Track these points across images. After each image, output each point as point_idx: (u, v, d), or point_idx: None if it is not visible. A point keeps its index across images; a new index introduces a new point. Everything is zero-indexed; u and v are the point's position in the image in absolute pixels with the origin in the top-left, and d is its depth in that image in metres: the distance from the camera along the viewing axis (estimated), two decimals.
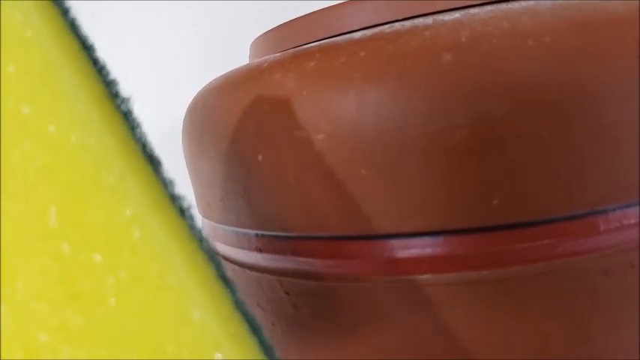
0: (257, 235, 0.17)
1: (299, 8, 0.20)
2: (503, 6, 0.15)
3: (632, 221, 0.14)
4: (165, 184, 0.08)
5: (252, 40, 0.23)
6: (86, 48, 0.09)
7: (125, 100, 0.09)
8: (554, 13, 0.14)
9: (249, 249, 0.18)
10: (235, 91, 0.17)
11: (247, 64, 0.19)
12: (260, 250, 0.17)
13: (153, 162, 0.08)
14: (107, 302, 0.08)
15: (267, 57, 0.18)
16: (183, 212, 0.08)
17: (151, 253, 0.08)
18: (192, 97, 0.21)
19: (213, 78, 0.20)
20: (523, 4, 0.15)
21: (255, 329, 0.08)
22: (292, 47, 0.18)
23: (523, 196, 0.13)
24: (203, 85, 0.21)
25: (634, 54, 0.13)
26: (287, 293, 0.16)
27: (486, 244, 0.14)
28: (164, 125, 0.36)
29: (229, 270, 0.19)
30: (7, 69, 0.08)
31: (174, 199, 0.08)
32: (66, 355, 0.07)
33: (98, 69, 0.09)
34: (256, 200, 0.16)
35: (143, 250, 0.08)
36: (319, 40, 0.17)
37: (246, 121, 0.16)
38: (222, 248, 0.20)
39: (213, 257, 0.08)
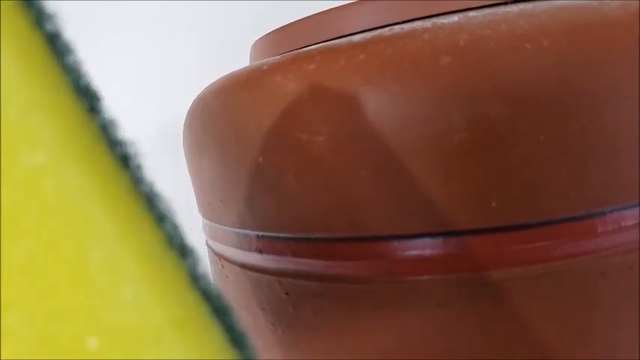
0: (257, 236, 0.18)
1: (299, 11, 0.20)
2: (502, 9, 0.15)
3: (630, 223, 0.14)
4: (103, 126, 0.06)
5: (253, 42, 0.23)
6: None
7: (50, 18, 0.06)
8: (552, 16, 0.14)
9: (250, 250, 0.18)
10: (236, 92, 0.17)
11: (248, 66, 0.19)
12: (260, 251, 0.17)
13: (87, 97, 0.06)
14: (8, 281, 0.06)
15: (268, 59, 0.18)
16: (125, 161, 0.06)
17: (68, 213, 0.06)
18: (193, 99, 0.21)
19: (214, 79, 0.20)
20: (521, 7, 0.15)
21: (220, 311, 0.07)
22: (292, 49, 0.19)
23: (521, 197, 0.13)
24: (204, 87, 0.21)
25: (631, 56, 0.14)
26: (287, 294, 0.17)
27: (485, 246, 0.14)
28: (165, 126, 0.36)
29: (229, 271, 0.20)
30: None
31: (113, 145, 0.06)
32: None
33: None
34: (257, 201, 0.16)
35: (56, 210, 0.06)
36: (319, 43, 0.17)
37: (246, 123, 0.16)
38: (222, 249, 0.20)
39: (165, 219, 0.07)
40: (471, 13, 0.15)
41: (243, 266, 0.18)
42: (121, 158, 0.06)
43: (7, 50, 0.06)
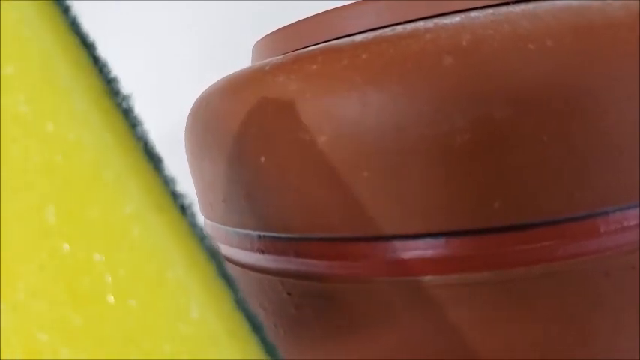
0: (259, 236, 0.18)
1: (301, 11, 0.20)
2: (504, 9, 0.15)
3: (633, 223, 0.14)
4: (166, 182, 0.08)
5: (255, 42, 0.23)
6: (86, 46, 0.09)
7: (126, 98, 0.09)
8: (555, 17, 0.14)
9: (252, 250, 0.18)
10: (238, 92, 0.17)
11: (250, 67, 0.19)
12: (262, 251, 0.17)
13: (153, 160, 0.08)
14: (106, 300, 0.08)
15: (270, 59, 0.18)
16: (184, 210, 0.09)
17: (150, 250, 0.08)
18: (194, 99, 0.21)
19: (216, 80, 0.20)
20: (524, 7, 0.15)
21: (256, 328, 0.08)
22: (294, 50, 0.19)
23: (524, 198, 0.13)
24: (205, 87, 0.21)
25: (634, 57, 0.14)
26: (289, 294, 0.17)
27: (487, 246, 0.14)
28: (166, 126, 0.36)
29: (231, 271, 0.19)
30: (6, 69, 0.08)
31: (175, 197, 0.08)
32: (66, 355, 0.07)
33: (98, 67, 0.09)
34: (259, 201, 0.16)
35: (142, 248, 0.08)
36: (321, 43, 0.17)
37: (248, 123, 0.16)
38: (224, 249, 0.20)
39: (214, 255, 0.09)
40: (474, 14, 0.15)
41: (245, 266, 0.18)
42: (181, 207, 0.08)
43: (102, 127, 0.08)
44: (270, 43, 0.21)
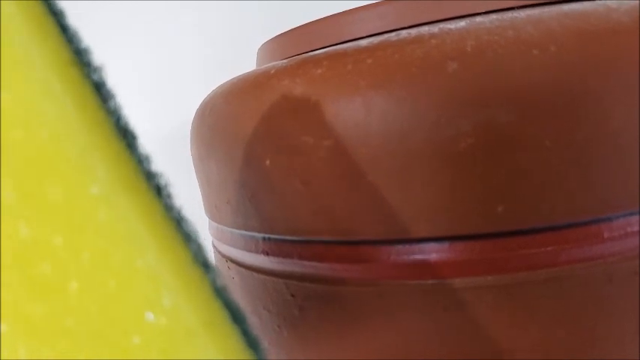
0: (264, 238, 0.18)
1: (306, 15, 0.20)
2: (509, 15, 0.15)
3: (637, 229, 0.14)
4: (139, 161, 0.08)
5: (259, 45, 0.23)
6: (54, 13, 0.08)
7: (97, 70, 0.08)
8: (560, 22, 0.14)
9: (256, 252, 0.18)
10: (243, 96, 0.17)
11: (255, 70, 0.19)
12: (267, 253, 0.17)
13: (127, 136, 0.08)
14: (68, 288, 0.07)
15: (275, 63, 0.18)
16: (159, 191, 0.08)
17: (118, 234, 0.07)
18: (200, 102, 0.21)
19: (221, 83, 0.20)
20: (528, 12, 0.15)
21: (237, 319, 0.08)
22: (299, 53, 0.19)
23: (528, 203, 0.13)
24: (211, 90, 0.21)
25: (638, 63, 0.14)
26: (293, 296, 0.17)
27: (491, 250, 0.14)
28: (172, 128, 0.37)
29: (236, 272, 0.20)
30: None
31: (149, 177, 0.08)
32: (25, 348, 0.07)
33: (67, 35, 0.08)
34: (264, 204, 0.17)
35: (108, 232, 0.07)
36: (326, 47, 0.17)
37: (254, 126, 0.16)
38: (228, 251, 0.20)
39: (191, 240, 0.08)
40: (478, 19, 0.15)
41: (250, 268, 0.19)
42: (156, 188, 0.08)
43: (65, 99, 0.07)
44: (275, 47, 0.21)
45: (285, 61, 0.17)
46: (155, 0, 0.39)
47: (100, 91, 0.08)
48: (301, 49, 0.19)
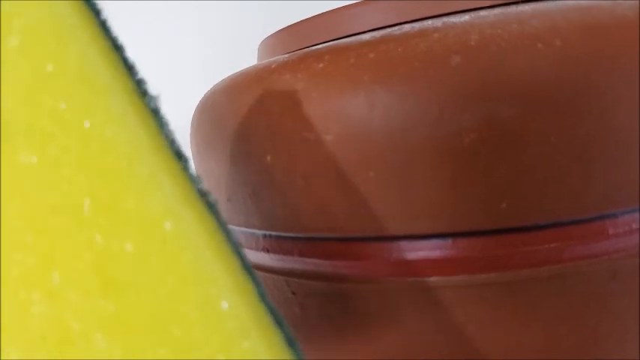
0: (265, 235, 0.17)
1: (308, 9, 0.20)
2: (513, 8, 0.15)
3: None
4: (193, 180, 0.09)
5: (261, 40, 0.23)
6: (117, 48, 0.09)
7: (154, 98, 0.09)
8: (564, 16, 0.14)
9: (257, 249, 0.18)
10: (244, 91, 0.17)
11: (256, 65, 0.19)
12: (267, 251, 0.17)
13: (181, 158, 0.09)
14: (139, 291, 0.08)
15: (276, 58, 0.18)
16: (211, 206, 0.09)
17: (182, 243, 0.08)
18: (200, 97, 0.21)
19: (222, 78, 0.20)
20: (532, 6, 0.15)
21: (279, 321, 0.09)
22: (301, 48, 0.18)
23: (531, 199, 0.13)
24: (211, 85, 0.21)
25: None
26: (294, 294, 0.16)
27: (494, 247, 0.14)
28: (172, 124, 0.36)
29: None
30: (46, 67, 0.08)
31: (202, 194, 0.09)
32: (98, 343, 0.08)
33: (128, 68, 0.09)
34: (264, 201, 0.16)
35: (174, 241, 0.08)
36: (328, 42, 0.17)
37: (255, 122, 0.16)
38: None
39: (238, 250, 0.09)
40: (482, 13, 0.15)
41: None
42: (208, 204, 0.09)
43: (137, 126, 0.09)
44: (276, 42, 0.21)
45: (286, 55, 0.17)
46: None
47: (158, 117, 0.09)
48: (303, 44, 0.19)
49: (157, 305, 0.08)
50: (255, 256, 0.18)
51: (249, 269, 0.09)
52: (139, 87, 0.09)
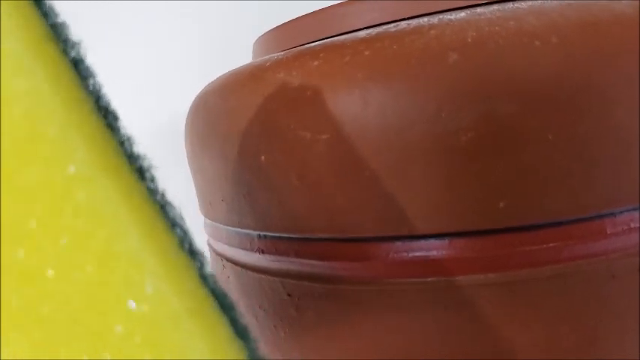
0: (259, 236, 0.17)
1: (303, 6, 0.20)
2: (510, 5, 0.15)
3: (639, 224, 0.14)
4: (121, 142, 0.07)
5: (255, 38, 0.23)
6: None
7: (75, 45, 0.08)
8: (562, 13, 0.14)
9: (252, 250, 0.18)
10: (238, 90, 0.17)
11: (250, 63, 0.18)
12: (262, 252, 0.17)
13: (107, 117, 0.07)
14: (45, 274, 0.07)
15: (271, 56, 0.18)
16: (141, 173, 0.07)
17: (97, 217, 0.07)
18: (194, 96, 0.21)
19: (216, 77, 0.20)
20: (530, 3, 0.14)
21: (225, 306, 0.07)
22: (296, 46, 0.18)
23: (530, 198, 0.13)
24: (205, 84, 0.20)
25: None
26: (289, 295, 0.16)
27: (492, 247, 0.13)
28: (166, 124, 0.36)
29: (231, 271, 0.19)
30: None
31: (131, 158, 0.07)
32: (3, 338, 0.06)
33: (42, 9, 0.07)
34: (259, 201, 0.16)
35: (88, 214, 0.07)
36: (323, 39, 0.17)
37: (249, 121, 0.16)
38: (223, 249, 0.20)
39: (176, 225, 0.08)
40: (479, 10, 0.15)
41: (245, 267, 0.18)
42: (138, 170, 0.07)
43: (43, 75, 0.07)
44: (271, 40, 0.21)
45: (281, 53, 0.17)
46: None
47: (78, 68, 0.07)
48: (298, 42, 0.19)
49: (66, 291, 0.07)
50: (250, 257, 0.18)
51: (190, 247, 0.07)
52: (55, 31, 0.07)
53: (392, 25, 0.15)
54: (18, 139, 0.07)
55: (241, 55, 0.25)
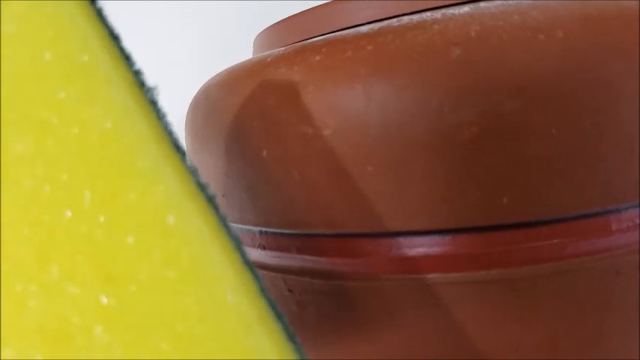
0: (261, 231, 0.17)
1: (305, 2, 0.20)
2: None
3: None
4: (192, 173, 0.09)
5: (257, 33, 0.22)
6: (114, 37, 0.09)
7: (152, 90, 0.09)
8: (566, 7, 0.14)
9: (253, 246, 0.18)
10: (239, 85, 0.17)
11: (251, 58, 0.18)
12: (264, 247, 0.17)
13: (179, 150, 0.09)
14: (140, 285, 0.08)
15: (272, 51, 0.18)
16: (210, 200, 0.09)
17: (184, 237, 0.08)
18: (195, 91, 0.21)
19: (217, 72, 0.20)
20: None
21: (278, 315, 0.08)
22: (297, 41, 0.18)
23: (533, 194, 0.13)
24: (207, 79, 0.20)
25: None
26: (291, 291, 0.16)
27: (495, 243, 0.13)
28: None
29: None
30: (44, 55, 0.08)
31: (202, 187, 0.09)
32: (98, 337, 0.07)
33: (126, 58, 0.09)
34: (260, 196, 0.16)
35: (176, 234, 0.08)
36: (325, 34, 0.17)
37: (250, 116, 0.16)
38: None
39: (239, 244, 0.09)
40: (482, 4, 0.15)
41: None
42: (208, 198, 0.09)
43: (139, 117, 0.08)
44: (272, 35, 0.21)
45: (282, 48, 0.17)
46: None
47: (156, 108, 0.09)
48: (300, 37, 0.18)
49: (158, 300, 0.08)
50: (252, 253, 0.18)
51: (249, 264, 0.09)
52: (137, 78, 0.09)
53: (394, 20, 0.15)
54: (119, 171, 0.08)
55: (242, 51, 0.25)
